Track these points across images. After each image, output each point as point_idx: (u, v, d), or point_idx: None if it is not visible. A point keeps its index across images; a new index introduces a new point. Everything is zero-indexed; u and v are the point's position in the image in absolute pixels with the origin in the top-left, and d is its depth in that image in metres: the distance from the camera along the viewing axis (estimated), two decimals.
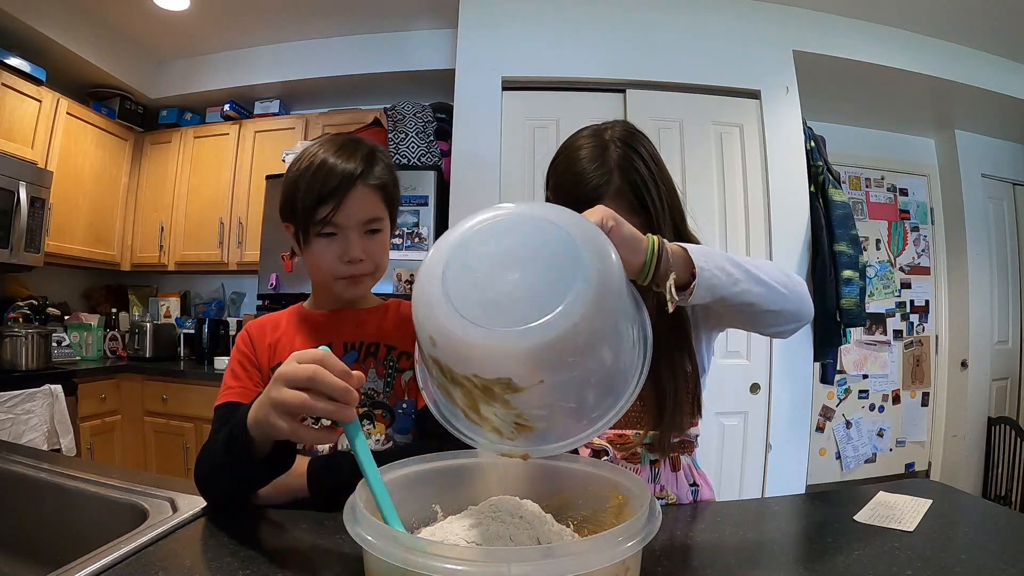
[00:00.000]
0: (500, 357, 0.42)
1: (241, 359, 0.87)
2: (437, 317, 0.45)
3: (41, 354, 2.45)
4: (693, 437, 0.91)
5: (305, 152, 0.86)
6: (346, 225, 0.82)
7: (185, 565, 0.56)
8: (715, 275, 0.64)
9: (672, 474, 0.87)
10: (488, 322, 0.43)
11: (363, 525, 0.42)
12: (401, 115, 2.59)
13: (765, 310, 0.71)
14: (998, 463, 3.13)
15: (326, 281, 0.86)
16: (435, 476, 0.58)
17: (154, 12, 2.69)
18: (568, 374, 0.44)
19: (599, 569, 0.39)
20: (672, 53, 2.37)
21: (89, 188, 2.93)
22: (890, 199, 3.37)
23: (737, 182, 2.34)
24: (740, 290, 0.66)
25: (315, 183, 0.80)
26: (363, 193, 0.82)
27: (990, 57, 2.80)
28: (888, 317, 3.30)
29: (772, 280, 0.70)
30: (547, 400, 0.45)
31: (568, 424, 0.49)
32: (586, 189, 0.82)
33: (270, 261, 2.54)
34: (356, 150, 0.84)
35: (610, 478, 0.55)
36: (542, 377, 0.43)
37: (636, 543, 0.40)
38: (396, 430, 0.86)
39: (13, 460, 0.88)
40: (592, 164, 0.83)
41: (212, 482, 0.69)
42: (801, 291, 0.75)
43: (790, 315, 0.74)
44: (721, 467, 2.19)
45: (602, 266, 0.46)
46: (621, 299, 0.48)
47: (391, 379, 0.88)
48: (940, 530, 0.69)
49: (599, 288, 0.44)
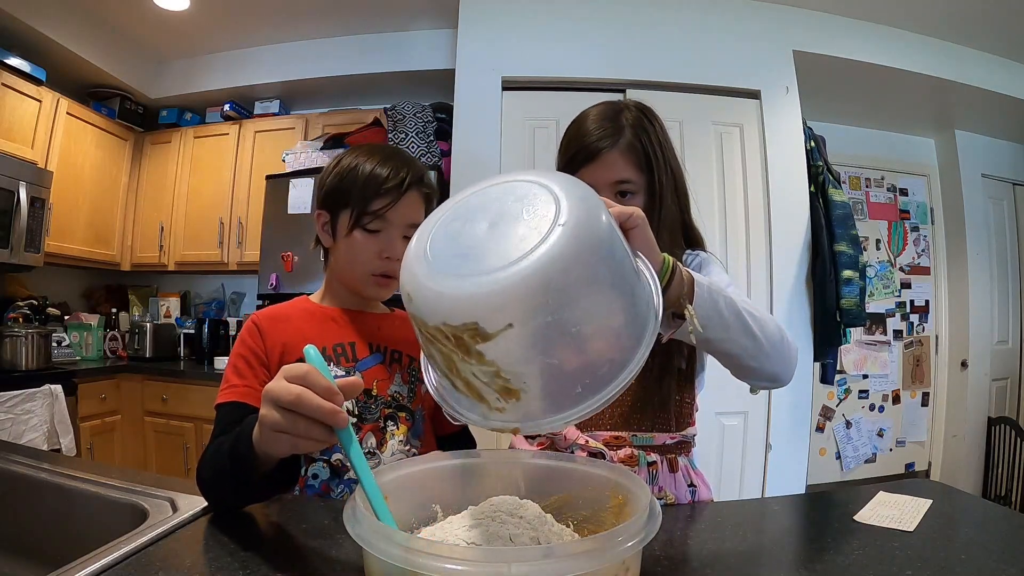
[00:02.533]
0: (464, 299, 0.42)
1: (247, 354, 0.82)
2: (414, 272, 0.45)
3: (41, 354, 2.45)
4: (691, 438, 0.91)
5: (353, 152, 0.89)
6: (394, 223, 0.85)
7: (185, 565, 0.56)
8: (710, 316, 0.63)
9: (670, 475, 0.87)
10: (457, 270, 0.43)
11: (363, 526, 0.42)
12: (401, 115, 2.59)
13: (743, 364, 0.71)
14: (998, 463, 3.13)
15: (357, 275, 0.87)
16: (435, 476, 0.58)
17: (154, 12, 2.69)
18: (538, 319, 0.42)
19: (599, 569, 0.38)
20: (672, 53, 2.37)
21: (89, 188, 2.93)
22: (890, 199, 3.37)
23: (737, 182, 2.34)
24: (726, 338, 0.66)
25: (378, 177, 0.83)
26: (416, 198, 0.86)
27: (990, 57, 2.80)
28: (888, 317, 3.30)
29: (764, 337, 0.69)
30: (524, 352, 0.43)
31: (557, 390, 0.46)
32: (596, 140, 0.83)
33: (270, 261, 2.54)
34: (413, 162, 0.89)
35: (610, 478, 0.55)
36: (509, 320, 0.41)
37: (636, 543, 0.40)
38: (413, 434, 0.89)
39: (13, 460, 0.88)
40: (605, 120, 0.85)
41: (216, 489, 0.68)
42: (788, 356, 0.74)
43: (767, 375, 0.73)
44: (721, 467, 2.19)
45: (583, 216, 0.44)
46: (608, 257, 0.46)
47: (413, 386, 0.90)
48: (940, 530, 0.69)
49: (574, 235, 0.42)
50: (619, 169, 0.84)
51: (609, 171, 0.84)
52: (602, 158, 0.83)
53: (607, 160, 0.83)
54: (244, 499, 0.69)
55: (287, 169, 2.68)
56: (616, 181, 0.84)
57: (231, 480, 0.64)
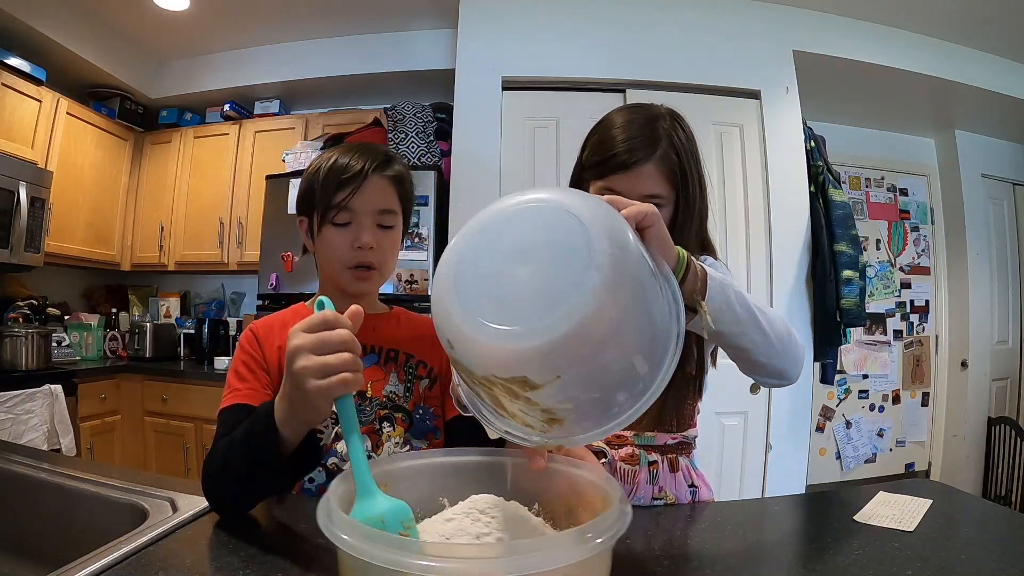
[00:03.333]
0: (512, 357, 0.42)
1: (247, 360, 0.84)
2: (452, 320, 0.45)
3: (41, 354, 2.45)
4: (691, 439, 0.91)
5: (324, 154, 0.90)
6: (361, 211, 0.85)
7: (185, 565, 0.56)
8: (722, 310, 0.64)
9: (670, 475, 0.87)
10: (498, 321, 0.43)
11: (332, 518, 0.43)
12: (401, 115, 2.59)
13: (754, 359, 0.71)
14: (998, 463, 3.13)
15: (335, 272, 0.87)
16: (444, 470, 0.59)
17: (154, 12, 2.69)
18: (586, 367, 0.43)
19: (562, 567, 0.39)
20: (672, 53, 2.37)
21: (89, 188, 2.93)
22: (890, 199, 3.37)
23: (737, 182, 2.34)
24: (739, 332, 0.67)
25: (335, 172, 0.85)
26: (380, 183, 0.86)
27: (990, 57, 2.80)
28: (888, 317, 3.30)
29: (773, 334, 0.69)
30: (570, 394, 0.45)
31: (596, 413, 0.48)
32: (629, 151, 0.82)
33: (270, 261, 2.54)
34: (374, 150, 0.89)
35: (590, 479, 0.55)
36: (558, 373, 0.43)
37: (599, 543, 0.40)
38: (413, 435, 0.88)
39: (13, 460, 0.88)
40: (642, 128, 0.84)
41: (225, 487, 0.67)
42: (796, 354, 0.74)
43: (776, 372, 0.73)
44: (721, 467, 2.19)
45: (615, 252, 0.44)
46: (639, 289, 0.46)
47: (410, 385, 0.89)
48: (940, 530, 0.69)
49: (612, 278, 0.42)
50: (651, 184, 0.83)
51: (641, 184, 0.82)
52: (635, 170, 0.82)
53: (641, 173, 0.82)
54: (256, 491, 0.67)
55: (287, 169, 2.68)
56: (647, 195, 0.82)
57: (246, 469, 0.63)
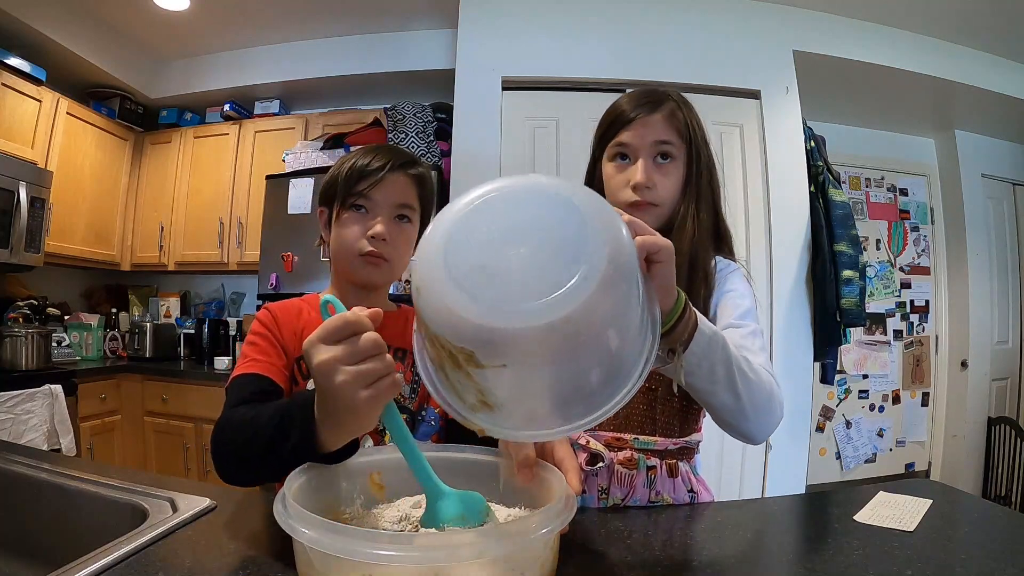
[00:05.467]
0: (469, 327, 0.41)
1: (265, 334, 0.83)
2: (429, 265, 0.44)
3: (41, 354, 2.44)
4: (695, 444, 0.90)
5: (353, 151, 0.93)
6: (379, 202, 0.86)
7: (185, 565, 0.56)
8: (700, 366, 0.62)
9: (669, 480, 0.85)
10: (472, 290, 0.42)
11: (287, 505, 0.44)
12: (401, 115, 2.59)
13: (719, 416, 0.71)
14: (998, 463, 3.13)
15: (348, 259, 0.86)
16: (438, 465, 0.58)
17: (154, 12, 2.69)
18: (532, 368, 0.42)
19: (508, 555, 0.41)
20: (672, 53, 2.37)
21: (89, 188, 2.93)
22: (890, 199, 3.37)
23: (737, 182, 2.34)
24: (711, 391, 0.66)
25: (359, 164, 0.87)
26: (401, 178, 0.87)
27: (990, 57, 2.80)
28: (888, 317, 3.30)
29: (748, 400, 0.68)
30: (509, 389, 0.43)
31: (530, 417, 0.47)
32: (636, 107, 0.83)
33: (270, 261, 2.54)
34: (402, 152, 0.92)
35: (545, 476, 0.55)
36: (504, 362, 0.41)
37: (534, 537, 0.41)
38: (418, 437, 0.87)
39: (13, 460, 0.88)
40: (646, 94, 0.86)
41: (245, 463, 0.63)
42: (768, 422, 0.73)
43: (740, 434, 0.73)
44: (721, 467, 2.19)
45: (608, 274, 0.42)
46: (619, 318, 0.45)
47: (416, 386, 0.89)
48: (940, 530, 0.69)
49: (590, 301, 0.40)
50: (660, 130, 0.83)
51: (651, 131, 0.83)
52: (643, 119, 0.83)
53: (648, 121, 0.83)
54: (276, 478, 0.60)
55: (287, 169, 2.68)
56: (657, 141, 0.83)
57: (277, 466, 0.57)
